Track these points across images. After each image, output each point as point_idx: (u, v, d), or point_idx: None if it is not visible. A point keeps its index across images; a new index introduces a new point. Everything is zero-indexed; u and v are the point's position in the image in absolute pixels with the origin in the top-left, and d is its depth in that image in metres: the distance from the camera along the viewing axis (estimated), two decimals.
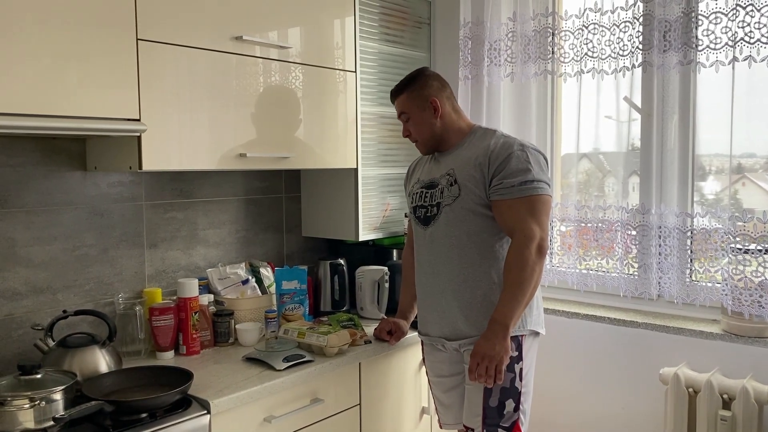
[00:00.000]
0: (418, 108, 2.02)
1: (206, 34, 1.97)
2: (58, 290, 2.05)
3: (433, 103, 2.01)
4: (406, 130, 2.08)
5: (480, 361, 1.82)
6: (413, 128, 2.05)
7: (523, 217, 1.85)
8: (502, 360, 1.82)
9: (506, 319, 1.82)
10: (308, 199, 2.75)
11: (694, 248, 2.28)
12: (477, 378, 1.84)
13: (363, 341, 2.22)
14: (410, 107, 2.04)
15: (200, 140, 1.99)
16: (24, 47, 1.58)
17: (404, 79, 2.07)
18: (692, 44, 2.18)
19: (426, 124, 2.02)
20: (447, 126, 2.03)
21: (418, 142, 2.08)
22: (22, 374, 1.62)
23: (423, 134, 2.05)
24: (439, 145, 2.05)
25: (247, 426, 1.85)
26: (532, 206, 1.86)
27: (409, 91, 2.04)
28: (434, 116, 2.01)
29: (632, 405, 2.39)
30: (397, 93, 2.07)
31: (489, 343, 1.82)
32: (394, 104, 2.11)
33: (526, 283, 1.83)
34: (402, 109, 2.07)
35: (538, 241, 1.84)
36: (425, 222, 2.03)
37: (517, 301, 1.83)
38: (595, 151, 2.57)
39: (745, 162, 2.23)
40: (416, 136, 2.06)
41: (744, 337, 2.11)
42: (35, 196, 1.99)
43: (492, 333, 1.83)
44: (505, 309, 1.83)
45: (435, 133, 2.03)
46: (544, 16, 2.52)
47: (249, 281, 2.44)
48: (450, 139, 2.04)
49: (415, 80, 2.04)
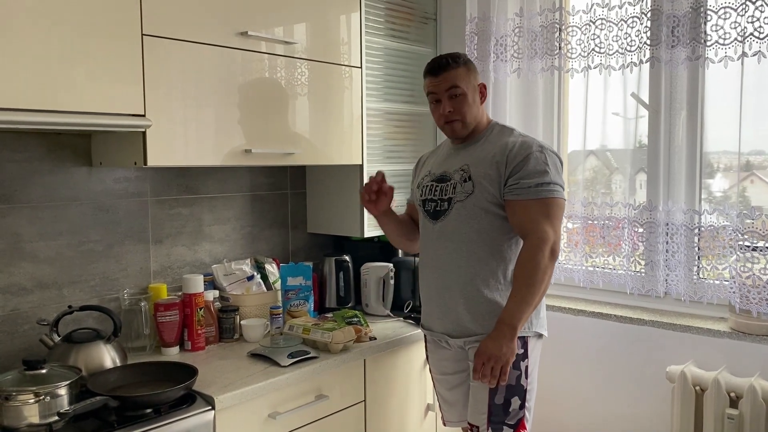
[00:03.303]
0: (472, 87, 1.95)
1: (212, 29, 1.97)
2: (64, 285, 2.05)
3: (482, 89, 1.97)
4: (450, 106, 1.93)
5: (486, 361, 1.81)
6: (463, 106, 1.93)
7: (538, 219, 1.83)
8: (508, 361, 1.81)
9: (514, 321, 1.80)
10: (314, 196, 2.74)
11: (702, 245, 2.26)
12: (481, 378, 1.83)
13: (368, 338, 2.22)
14: (467, 83, 1.93)
15: (205, 136, 1.99)
16: (29, 43, 1.58)
17: (450, 55, 1.95)
18: (701, 39, 2.16)
19: (475, 105, 1.95)
20: (479, 117, 1.99)
21: (459, 121, 1.94)
22: (28, 369, 1.63)
23: (470, 115, 1.94)
24: (471, 133, 1.99)
25: (251, 422, 1.85)
26: (547, 209, 1.84)
27: (468, 67, 1.95)
28: (481, 101, 1.98)
29: (638, 403, 2.37)
30: (455, 64, 1.93)
31: (496, 343, 1.80)
32: (439, 76, 1.93)
33: (536, 286, 1.81)
34: (456, 83, 1.92)
35: (551, 244, 1.82)
36: (434, 216, 2.00)
37: (526, 303, 1.81)
38: (602, 148, 2.56)
39: (754, 159, 2.21)
40: (463, 114, 1.93)
41: (752, 335, 2.09)
42: (41, 191, 2.00)
43: (499, 333, 1.81)
44: (514, 310, 1.81)
45: (476, 118, 1.97)
46: (551, 11, 2.50)
47: (254, 277, 2.44)
48: (475, 130, 1.99)
49: (468, 61, 1.97)
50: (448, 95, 1.93)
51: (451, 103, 1.93)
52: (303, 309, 2.36)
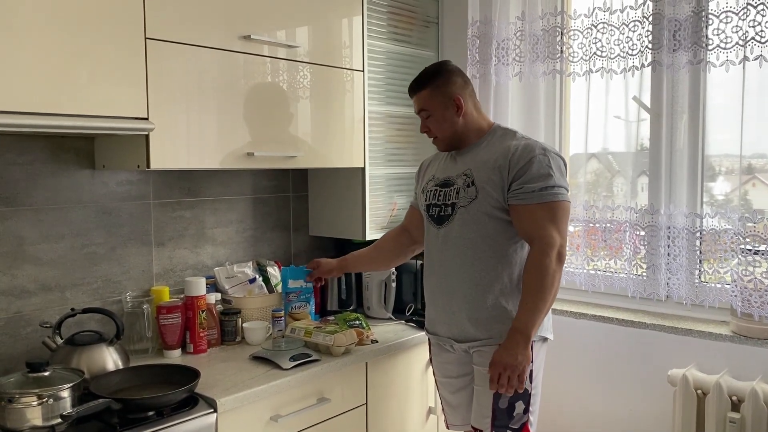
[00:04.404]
0: (440, 105, 1.93)
1: (214, 33, 1.97)
2: (67, 288, 2.06)
3: (457, 101, 1.93)
4: (425, 127, 1.99)
5: (502, 371, 1.78)
6: (434, 126, 1.96)
7: (543, 223, 1.81)
8: (524, 369, 1.79)
9: (527, 328, 1.78)
10: (315, 199, 2.75)
11: (704, 249, 2.26)
12: (498, 388, 1.80)
13: (370, 341, 2.22)
14: (432, 104, 1.94)
15: (208, 139, 2.00)
16: (33, 46, 1.58)
17: (425, 72, 1.96)
18: (702, 43, 2.16)
19: (448, 122, 1.95)
20: (468, 124, 1.96)
21: (437, 139, 2.00)
22: (31, 372, 1.63)
23: (444, 132, 1.96)
24: (459, 143, 1.99)
25: (253, 425, 1.85)
26: (553, 212, 1.83)
27: (432, 87, 1.93)
28: (457, 114, 1.94)
29: (640, 407, 2.37)
30: (418, 88, 1.96)
31: (510, 352, 1.78)
32: (412, 99, 2.00)
33: (546, 291, 1.79)
34: (423, 106, 1.96)
35: (558, 248, 1.81)
36: (438, 222, 2.00)
37: (537, 310, 1.79)
38: (604, 151, 2.56)
39: (756, 163, 2.21)
40: (436, 133, 1.98)
41: (753, 339, 2.09)
42: (44, 194, 2.00)
43: (513, 342, 1.78)
44: (526, 317, 1.79)
45: (456, 131, 1.96)
46: (553, 15, 2.51)
47: (256, 280, 2.45)
48: (470, 137, 1.98)
49: (438, 75, 1.94)
50: (422, 117, 2.00)
51: (424, 123, 2.00)
52: (305, 311, 2.36)
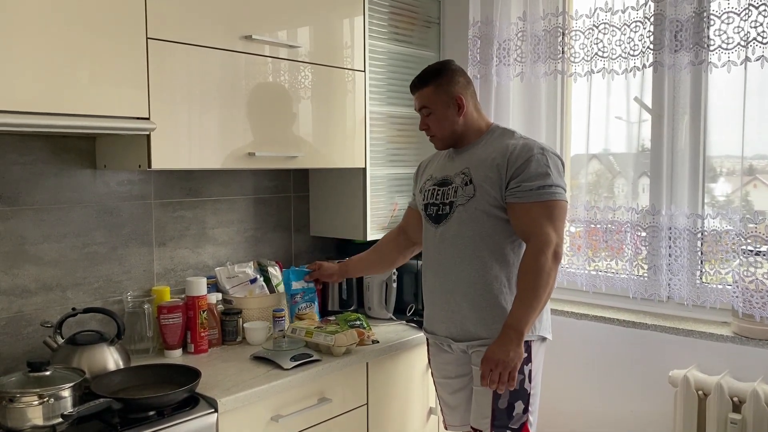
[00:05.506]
0: (442, 104, 1.95)
1: (216, 33, 1.97)
2: (68, 288, 2.06)
3: (459, 101, 1.94)
4: (425, 124, 2.01)
5: (493, 368, 1.79)
6: (433, 124, 1.98)
7: (540, 222, 1.82)
8: (515, 366, 1.80)
9: (520, 325, 1.79)
10: (316, 199, 2.75)
11: (705, 250, 2.26)
12: (489, 384, 1.81)
13: (370, 341, 2.22)
14: (434, 102, 1.95)
15: (209, 139, 2.00)
16: (34, 46, 1.58)
17: (428, 70, 1.98)
18: (704, 44, 2.16)
19: (448, 121, 1.96)
20: (468, 125, 1.98)
21: (435, 137, 2.01)
22: (31, 371, 1.63)
23: (443, 131, 1.98)
24: (457, 142, 2.00)
25: (254, 425, 1.85)
26: (550, 211, 1.84)
27: (435, 85, 1.95)
28: (458, 114, 1.95)
29: (641, 407, 2.37)
30: (421, 85, 1.97)
31: (503, 349, 1.79)
32: (414, 95, 2.01)
33: (541, 290, 1.80)
34: (424, 103, 1.97)
35: (554, 247, 1.81)
36: (436, 220, 2.01)
37: (531, 307, 1.80)
38: (605, 152, 2.56)
39: (757, 164, 2.21)
40: (435, 131, 1.99)
41: (755, 340, 2.09)
42: (45, 194, 2.00)
43: (506, 339, 1.79)
44: (520, 315, 1.80)
45: (456, 131, 1.97)
46: (555, 15, 2.51)
47: (257, 280, 2.45)
48: (469, 137, 1.99)
49: (442, 74, 1.95)
50: (422, 114, 2.01)
51: (423, 121, 2.01)
52: (311, 311, 2.35)
